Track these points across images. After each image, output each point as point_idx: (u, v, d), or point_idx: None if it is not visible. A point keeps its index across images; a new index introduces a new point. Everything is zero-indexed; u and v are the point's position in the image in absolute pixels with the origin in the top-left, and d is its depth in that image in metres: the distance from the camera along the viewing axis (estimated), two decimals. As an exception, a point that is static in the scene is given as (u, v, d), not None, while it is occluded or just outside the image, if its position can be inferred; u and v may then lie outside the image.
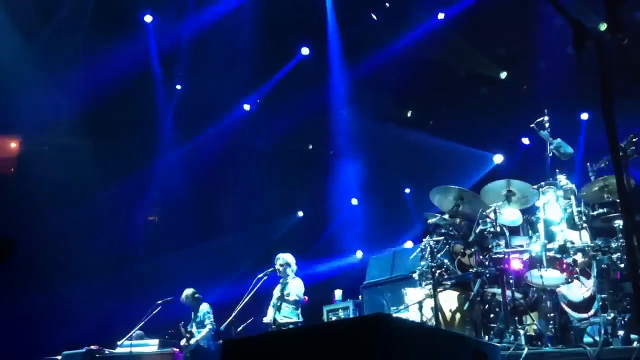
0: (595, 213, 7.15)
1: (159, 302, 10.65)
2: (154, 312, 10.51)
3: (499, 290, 6.98)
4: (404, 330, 3.05)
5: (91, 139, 13.76)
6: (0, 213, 13.95)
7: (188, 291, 11.09)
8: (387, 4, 13.77)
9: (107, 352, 10.16)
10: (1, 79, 12.71)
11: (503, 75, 13.30)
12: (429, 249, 7.48)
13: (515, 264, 7.06)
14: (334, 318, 10.96)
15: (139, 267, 14.32)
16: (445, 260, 7.45)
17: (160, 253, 14.67)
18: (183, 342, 10.48)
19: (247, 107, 15.62)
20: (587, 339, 6.73)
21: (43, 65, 12.94)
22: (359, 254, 14.84)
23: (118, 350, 10.25)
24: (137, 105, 14.52)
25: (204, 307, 10.97)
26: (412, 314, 7.45)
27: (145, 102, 14.79)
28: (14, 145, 15.04)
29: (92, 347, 10.18)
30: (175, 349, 10.30)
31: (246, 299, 9.25)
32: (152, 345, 10.34)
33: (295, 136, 15.66)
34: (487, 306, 7.02)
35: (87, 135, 13.69)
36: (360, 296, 10.71)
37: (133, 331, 10.35)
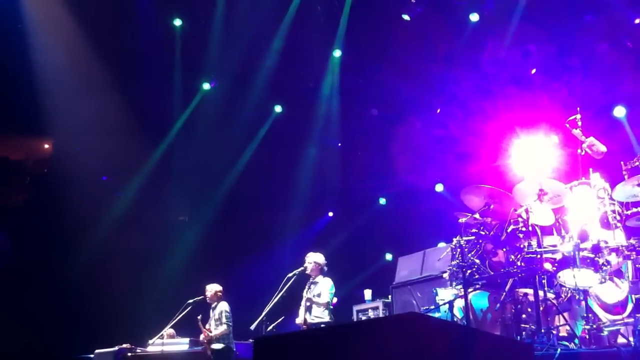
0: (629, 212, 7.05)
1: (189, 301, 10.69)
2: (185, 311, 10.56)
3: (530, 291, 6.91)
4: (437, 329, 3.04)
5: (124, 138, 13.89)
6: (34, 213, 14.22)
7: (213, 286, 10.95)
8: None
9: (138, 350, 10.24)
10: (35, 80, 12.96)
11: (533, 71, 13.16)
12: (459, 248, 7.43)
13: (548, 264, 6.99)
14: (363, 318, 10.95)
15: (171, 265, 14.43)
16: (477, 260, 7.39)
17: (190, 252, 14.76)
18: (202, 337, 10.39)
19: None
20: (621, 340, 6.64)
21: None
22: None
23: (149, 348, 10.32)
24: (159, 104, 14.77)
25: (223, 306, 10.73)
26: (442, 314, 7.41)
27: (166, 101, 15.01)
28: (47, 146, 15.27)
29: (124, 345, 10.27)
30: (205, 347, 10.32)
31: (276, 299, 9.28)
32: (183, 344, 10.39)
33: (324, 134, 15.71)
34: (518, 306, 6.95)
35: (119, 135, 13.82)
36: (389, 296, 10.68)
37: (164, 330, 10.43)
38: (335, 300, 9.80)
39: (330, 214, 16.38)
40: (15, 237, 13.61)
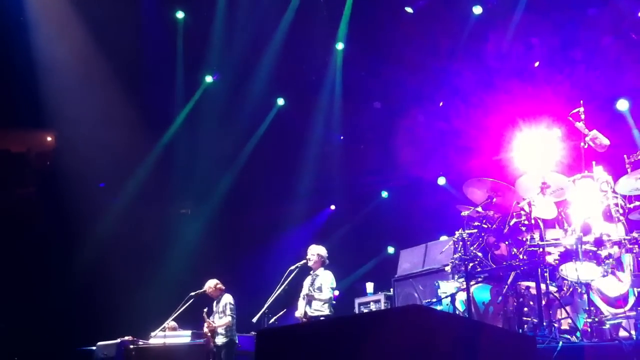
0: (631, 205, 7.05)
1: (191, 294, 10.70)
2: (187, 304, 10.58)
3: (533, 284, 6.91)
4: (441, 321, 3.04)
5: (125, 132, 13.89)
6: (37, 206, 14.24)
7: (211, 282, 10.96)
8: None
9: (140, 342, 10.25)
10: (37, 73, 12.96)
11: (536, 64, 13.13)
12: (462, 242, 7.42)
13: (550, 257, 6.98)
14: (365, 310, 10.95)
15: (173, 258, 14.45)
16: (479, 253, 7.39)
17: (193, 245, 14.77)
18: (205, 327, 10.38)
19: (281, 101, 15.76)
20: (623, 333, 6.64)
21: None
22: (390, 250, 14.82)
23: (152, 341, 10.34)
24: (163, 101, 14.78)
25: (227, 298, 10.70)
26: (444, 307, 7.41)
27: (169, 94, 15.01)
28: (49, 139, 15.28)
29: (126, 338, 10.29)
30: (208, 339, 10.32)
31: (278, 291, 9.28)
32: (185, 337, 10.40)
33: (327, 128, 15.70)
34: (520, 300, 6.94)
35: (122, 129, 13.83)
36: (392, 289, 10.68)
37: (166, 322, 10.44)
38: (337, 293, 9.79)
39: (332, 207, 16.38)
40: (18, 229, 13.64)
